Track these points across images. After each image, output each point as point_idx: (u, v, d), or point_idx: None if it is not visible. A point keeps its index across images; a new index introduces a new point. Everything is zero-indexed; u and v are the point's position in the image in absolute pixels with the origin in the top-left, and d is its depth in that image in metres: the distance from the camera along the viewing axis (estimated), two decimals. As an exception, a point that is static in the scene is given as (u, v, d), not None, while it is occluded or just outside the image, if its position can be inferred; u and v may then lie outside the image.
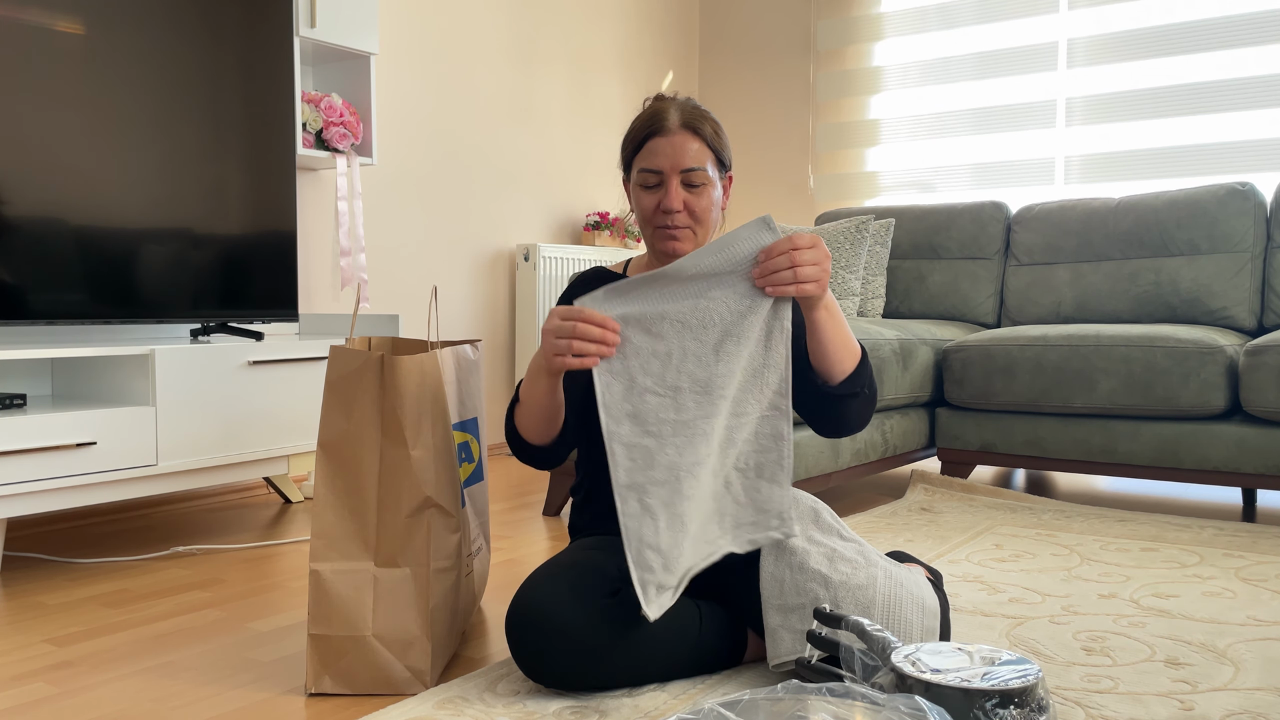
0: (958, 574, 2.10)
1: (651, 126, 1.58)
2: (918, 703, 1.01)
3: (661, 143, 1.56)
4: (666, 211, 1.56)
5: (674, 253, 1.59)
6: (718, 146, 1.59)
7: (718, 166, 1.59)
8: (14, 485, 1.99)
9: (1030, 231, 3.55)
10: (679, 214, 1.56)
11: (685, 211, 1.57)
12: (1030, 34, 4.14)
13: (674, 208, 1.56)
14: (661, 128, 1.57)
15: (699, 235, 1.59)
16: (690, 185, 1.56)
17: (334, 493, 1.49)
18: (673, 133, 1.56)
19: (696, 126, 1.57)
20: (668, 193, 1.56)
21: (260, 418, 2.44)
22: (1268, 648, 1.63)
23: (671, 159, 1.56)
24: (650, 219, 1.59)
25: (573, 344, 1.37)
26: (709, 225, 1.60)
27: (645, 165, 1.57)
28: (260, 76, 2.58)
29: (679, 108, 1.59)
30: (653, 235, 1.60)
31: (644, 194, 1.59)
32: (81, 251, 2.23)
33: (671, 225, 1.57)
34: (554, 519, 2.70)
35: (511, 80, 3.97)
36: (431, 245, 3.65)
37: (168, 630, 1.76)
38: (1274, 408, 2.63)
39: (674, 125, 1.57)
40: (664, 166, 1.56)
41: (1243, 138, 3.73)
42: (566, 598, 1.39)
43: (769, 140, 4.79)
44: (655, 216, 1.58)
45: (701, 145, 1.56)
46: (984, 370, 3.01)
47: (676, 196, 1.56)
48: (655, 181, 1.57)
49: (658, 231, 1.59)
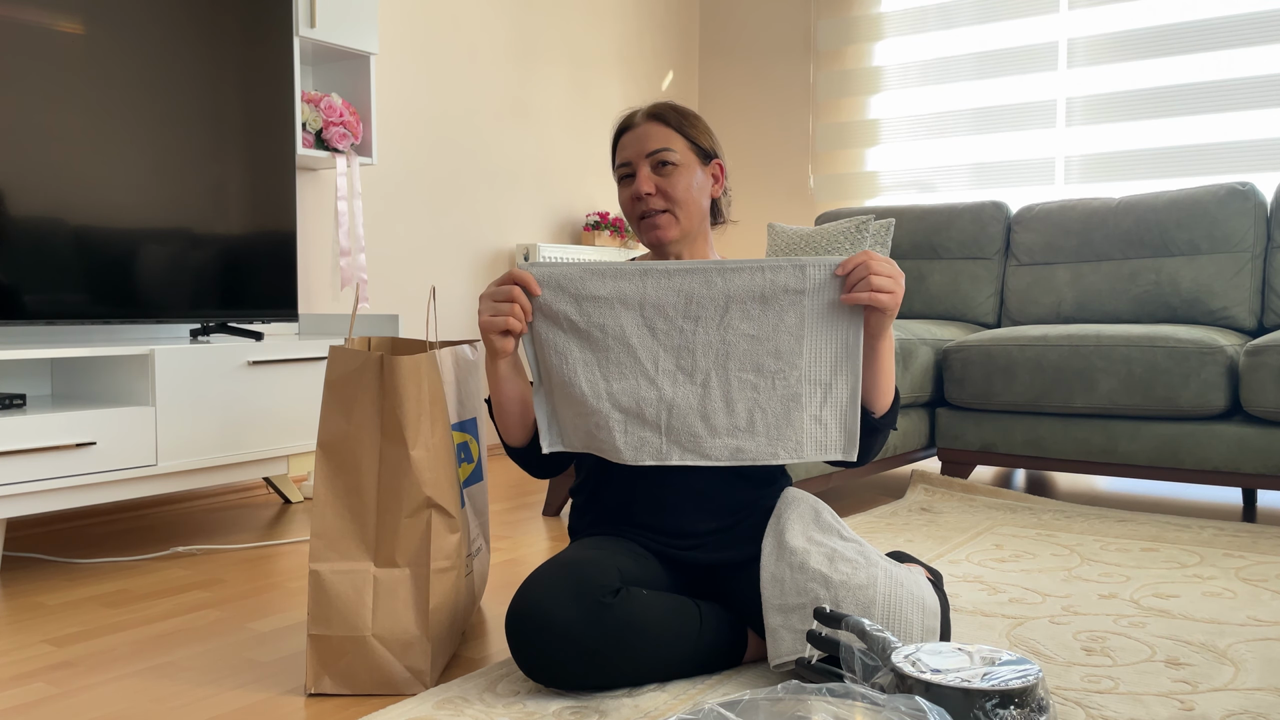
0: (958, 574, 2.10)
1: (620, 125, 1.65)
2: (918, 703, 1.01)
3: (628, 136, 1.63)
4: (638, 198, 1.59)
5: (659, 242, 1.61)
6: (689, 132, 1.61)
7: (694, 152, 1.61)
8: (14, 485, 1.99)
9: (1030, 231, 3.55)
10: (653, 197, 1.58)
11: (659, 195, 1.58)
12: (1030, 34, 4.14)
13: (644, 189, 1.58)
14: (629, 123, 1.64)
15: (682, 219, 1.60)
16: (660, 167, 1.59)
17: (334, 493, 1.49)
18: (638, 125, 1.62)
19: (661, 114, 1.61)
20: (637, 179, 1.59)
21: (260, 418, 2.44)
22: (1268, 648, 1.63)
23: (635, 146, 1.60)
24: (630, 212, 1.62)
25: (498, 293, 1.44)
26: (691, 208, 1.60)
27: (618, 161, 1.64)
28: (260, 76, 2.58)
29: (650, 105, 1.64)
30: (638, 229, 1.63)
31: (622, 191, 1.63)
32: (81, 251, 2.23)
33: (649, 211, 1.59)
34: (554, 519, 2.70)
35: (512, 80, 3.96)
36: (431, 245, 3.65)
37: (167, 630, 1.76)
38: (1274, 408, 2.63)
39: (639, 118, 1.63)
40: (631, 156, 1.60)
41: (1243, 138, 3.73)
42: (566, 598, 1.39)
43: (769, 140, 4.79)
44: (634, 207, 1.61)
45: (666, 130, 1.60)
46: (984, 370, 3.01)
47: (647, 180, 1.58)
48: (628, 173, 1.61)
49: (641, 224, 1.62)
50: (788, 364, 1.45)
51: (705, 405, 1.46)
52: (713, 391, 1.46)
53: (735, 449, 1.46)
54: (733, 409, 1.46)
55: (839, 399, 1.46)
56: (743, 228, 4.88)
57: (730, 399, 1.46)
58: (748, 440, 1.46)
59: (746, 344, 1.45)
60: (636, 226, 1.63)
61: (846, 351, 1.45)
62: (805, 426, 1.46)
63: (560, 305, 1.45)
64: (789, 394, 1.45)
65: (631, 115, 1.64)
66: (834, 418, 1.46)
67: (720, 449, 1.46)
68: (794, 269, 1.43)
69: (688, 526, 1.58)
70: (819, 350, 1.45)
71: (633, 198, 1.60)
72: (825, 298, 1.44)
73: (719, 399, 1.46)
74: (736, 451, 1.46)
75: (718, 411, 1.46)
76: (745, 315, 1.45)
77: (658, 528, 1.59)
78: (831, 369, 1.45)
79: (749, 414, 1.45)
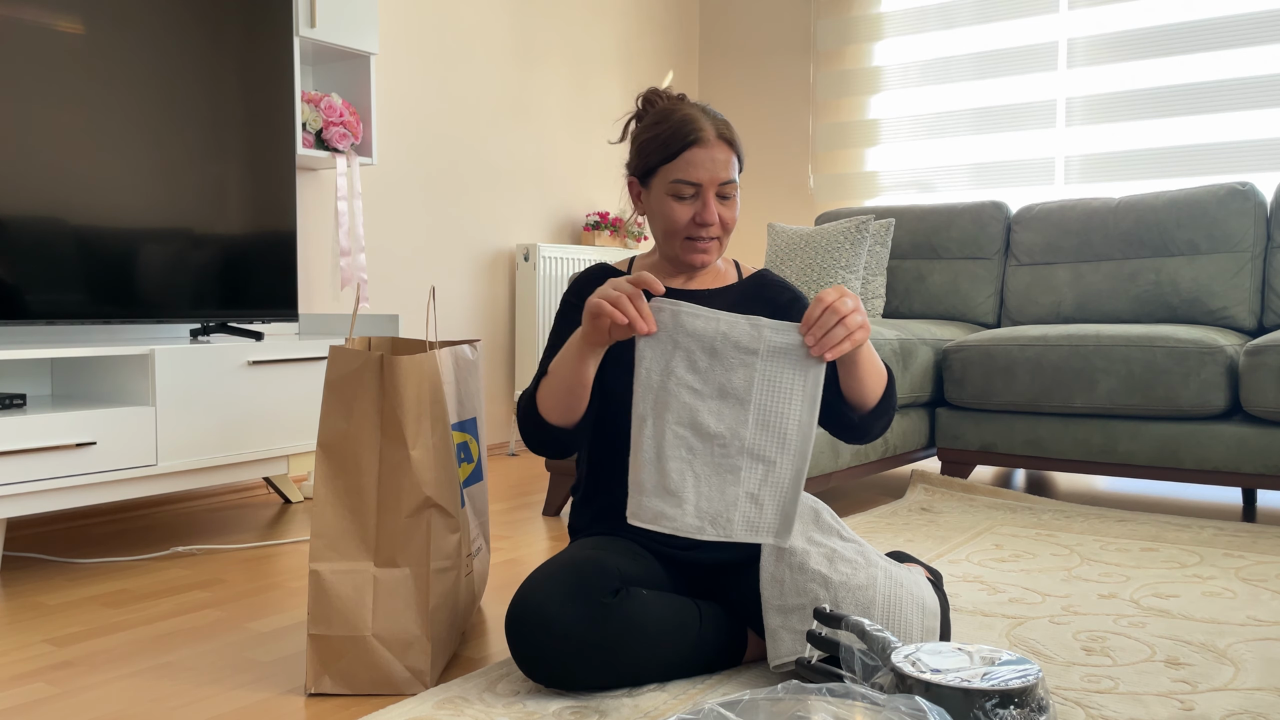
0: (958, 574, 2.10)
1: (689, 136, 1.52)
2: (918, 703, 1.01)
3: (701, 154, 1.51)
4: (703, 224, 1.53)
5: (701, 265, 1.58)
6: (741, 157, 1.57)
7: (738, 174, 1.58)
8: (14, 485, 1.99)
9: (1030, 231, 3.55)
10: (713, 226, 1.54)
11: (718, 224, 1.55)
12: (1030, 34, 4.14)
13: (712, 221, 1.53)
14: (700, 138, 1.52)
15: (725, 243, 1.60)
16: (723, 198, 1.55)
17: (334, 493, 1.49)
18: (711, 144, 1.52)
19: (731, 138, 1.55)
20: (705, 206, 1.53)
21: (260, 418, 2.44)
22: (1268, 648, 1.63)
23: (711, 172, 1.52)
24: (680, 230, 1.55)
25: (620, 299, 1.33)
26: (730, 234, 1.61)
27: (682, 176, 1.52)
28: (260, 76, 2.58)
29: (710, 117, 1.55)
30: (680, 247, 1.56)
31: (676, 205, 1.54)
32: (81, 251, 2.23)
33: (705, 238, 1.55)
34: (554, 519, 2.70)
35: (511, 80, 3.96)
36: (431, 245, 3.65)
37: (168, 630, 1.76)
38: (1274, 408, 2.63)
39: (712, 136, 1.52)
40: (703, 179, 1.51)
41: (1243, 138, 3.73)
42: (566, 598, 1.39)
43: (769, 140, 4.79)
44: (688, 228, 1.54)
45: (733, 157, 1.54)
46: (984, 370, 3.01)
47: (714, 210, 1.53)
48: (691, 193, 1.53)
49: (686, 244, 1.56)
50: (729, 430, 1.33)
51: (637, 456, 1.35)
52: (645, 441, 1.34)
53: (657, 513, 1.34)
54: (663, 467, 1.33)
55: (780, 480, 1.34)
56: (743, 228, 4.88)
57: (662, 454, 1.33)
58: (673, 506, 1.33)
59: (687, 396, 1.33)
60: (679, 243, 1.56)
61: (799, 428, 1.33)
62: (739, 504, 1.34)
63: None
64: (726, 465, 1.33)
65: (700, 127, 1.52)
66: (772, 499, 1.34)
67: (643, 510, 1.34)
68: (749, 325, 1.32)
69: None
70: (765, 421, 1.33)
71: (693, 220, 1.54)
72: (779, 364, 1.32)
73: (650, 451, 1.34)
74: (658, 516, 1.34)
75: (646, 465, 1.34)
76: (691, 365, 1.33)
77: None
78: (778, 445, 1.33)
79: (679, 476, 1.33)
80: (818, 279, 3.43)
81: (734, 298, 1.65)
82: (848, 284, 3.40)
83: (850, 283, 3.40)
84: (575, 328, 1.60)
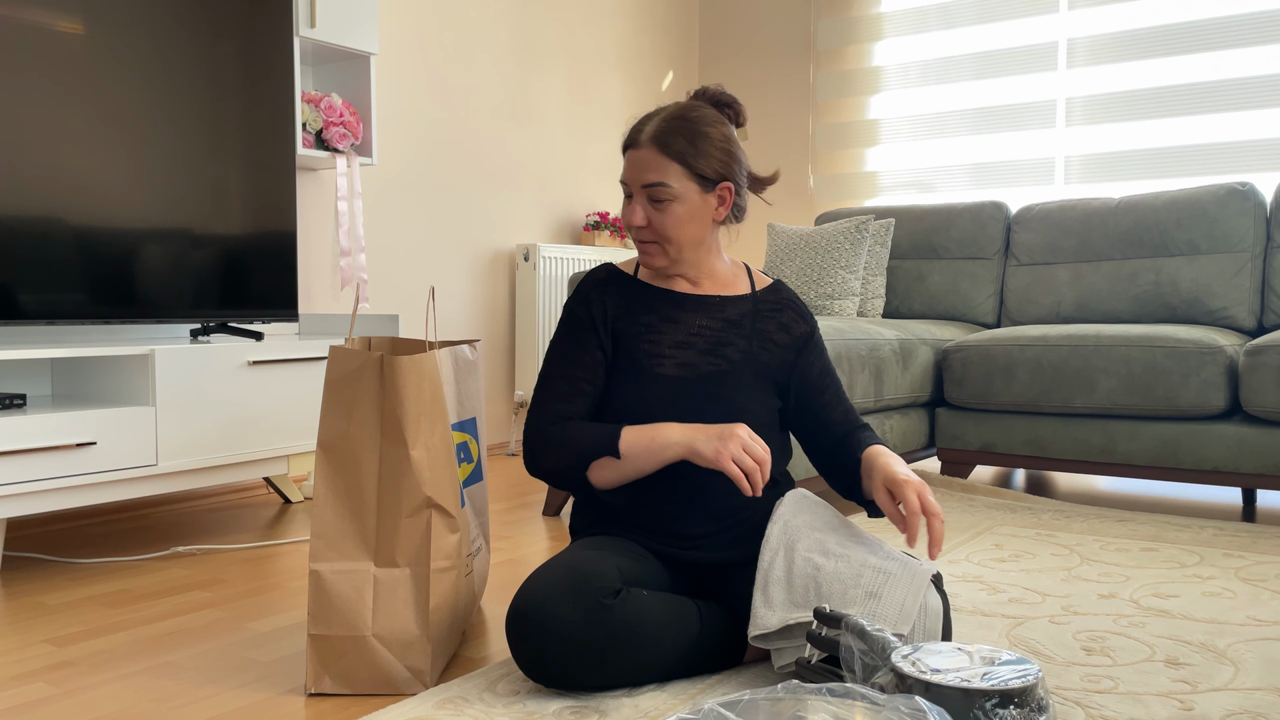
0: (958, 574, 2.10)
1: (627, 138, 1.59)
2: (918, 703, 1.01)
3: (631, 155, 1.58)
4: (628, 225, 1.59)
5: (652, 267, 1.62)
6: (692, 162, 1.54)
7: (694, 179, 1.55)
8: (14, 485, 1.99)
9: (1030, 231, 3.55)
10: (642, 229, 1.58)
11: (649, 228, 1.58)
12: (1030, 34, 4.14)
13: (633, 222, 1.58)
14: (633, 141, 1.58)
15: (670, 252, 1.59)
16: (656, 201, 1.56)
17: (334, 493, 1.49)
18: (641, 146, 1.56)
19: (665, 141, 1.54)
20: (630, 207, 1.58)
21: (260, 418, 2.44)
22: (1268, 648, 1.63)
23: (633, 174, 1.57)
24: (627, 227, 1.62)
25: (754, 451, 1.44)
26: (682, 240, 1.58)
27: (620, 177, 1.60)
28: (260, 76, 2.58)
29: (659, 119, 1.57)
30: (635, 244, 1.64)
31: (624, 204, 1.62)
32: (81, 251, 2.23)
33: (641, 240, 1.60)
34: (554, 519, 2.70)
35: (511, 80, 3.97)
36: (431, 245, 3.65)
37: (168, 630, 1.76)
38: (1274, 408, 2.63)
39: (643, 139, 1.56)
40: (628, 179, 1.58)
41: (1243, 138, 3.73)
42: (566, 598, 1.39)
43: (769, 140, 4.79)
44: (628, 227, 1.61)
45: (665, 159, 1.54)
46: (984, 370, 3.01)
47: (637, 212, 1.57)
48: (627, 193, 1.60)
49: (635, 243, 1.62)
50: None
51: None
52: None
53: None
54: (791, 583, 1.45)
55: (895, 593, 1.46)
56: (742, 227, 4.88)
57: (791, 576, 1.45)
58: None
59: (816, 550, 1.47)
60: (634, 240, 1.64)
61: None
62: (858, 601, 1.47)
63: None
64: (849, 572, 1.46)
65: (638, 131, 1.57)
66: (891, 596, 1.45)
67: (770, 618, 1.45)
68: (872, 556, 1.45)
69: (688, 527, 1.58)
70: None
71: (628, 220, 1.60)
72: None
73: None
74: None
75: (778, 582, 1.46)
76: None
77: (658, 528, 1.59)
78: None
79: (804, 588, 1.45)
80: (818, 279, 3.43)
81: (744, 310, 1.66)
82: (847, 284, 3.40)
83: (850, 283, 3.41)
84: (580, 337, 1.61)
